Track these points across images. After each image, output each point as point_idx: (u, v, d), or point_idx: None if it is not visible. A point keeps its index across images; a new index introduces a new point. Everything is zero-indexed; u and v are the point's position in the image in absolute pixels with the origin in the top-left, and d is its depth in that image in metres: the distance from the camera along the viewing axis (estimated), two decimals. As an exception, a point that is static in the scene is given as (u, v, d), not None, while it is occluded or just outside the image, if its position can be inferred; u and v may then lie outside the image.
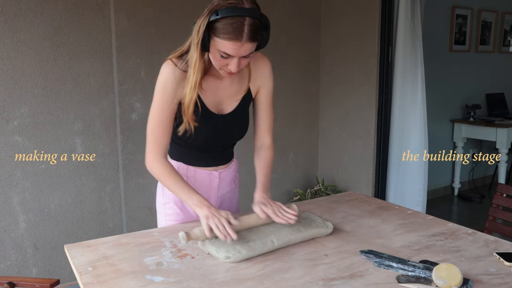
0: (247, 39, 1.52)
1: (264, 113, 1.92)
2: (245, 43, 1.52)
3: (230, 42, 1.52)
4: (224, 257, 1.50)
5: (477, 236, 1.72)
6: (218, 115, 1.79)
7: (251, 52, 1.58)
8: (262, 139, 1.95)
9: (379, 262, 1.47)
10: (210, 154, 1.90)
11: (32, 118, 3.03)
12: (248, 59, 1.62)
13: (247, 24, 1.50)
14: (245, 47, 1.54)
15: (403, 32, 3.79)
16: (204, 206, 1.64)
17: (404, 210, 2.03)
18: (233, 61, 1.58)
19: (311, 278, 1.39)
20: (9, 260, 3.08)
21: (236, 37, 1.51)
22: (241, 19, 1.50)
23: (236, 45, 1.52)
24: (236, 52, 1.54)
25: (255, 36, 1.53)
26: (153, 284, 1.36)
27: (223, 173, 1.96)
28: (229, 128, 1.83)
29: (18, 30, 2.92)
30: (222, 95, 1.80)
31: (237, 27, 1.49)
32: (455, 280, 1.29)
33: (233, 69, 1.60)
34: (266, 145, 1.95)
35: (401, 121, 3.93)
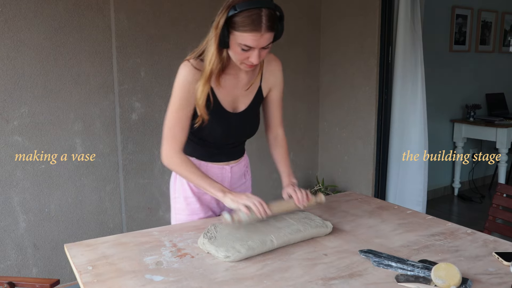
0: (266, 29, 1.58)
1: (276, 109, 2.03)
2: (264, 33, 1.59)
3: (250, 33, 1.58)
4: (223, 257, 1.50)
5: (476, 236, 1.72)
6: (232, 113, 1.85)
7: (270, 42, 1.65)
8: (275, 131, 2.07)
9: (378, 261, 1.47)
10: (222, 150, 1.95)
11: (32, 118, 3.03)
12: (267, 50, 1.68)
13: (264, 14, 1.57)
14: (264, 38, 1.60)
15: (403, 32, 3.80)
16: (227, 192, 1.73)
17: (404, 210, 2.03)
18: (254, 53, 1.64)
19: (311, 277, 1.40)
20: (9, 260, 3.08)
21: (255, 28, 1.57)
22: (258, 10, 1.56)
23: (256, 36, 1.59)
24: (256, 43, 1.60)
25: (273, 25, 1.61)
26: (153, 283, 1.36)
27: (235, 168, 2.01)
28: (242, 126, 1.90)
29: (18, 30, 2.92)
30: (237, 94, 1.86)
31: (255, 18, 1.56)
32: (454, 280, 1.29)
33: (254, 60, 1.65)
34: (280, 135, 2.08)
35: (401, 121, 3.93)
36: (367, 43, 3.88)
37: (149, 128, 3.46)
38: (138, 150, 3.44)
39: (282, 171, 2.02)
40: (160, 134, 3.51)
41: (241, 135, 1.96)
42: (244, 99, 1.88)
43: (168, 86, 3.46)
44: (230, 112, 1.85)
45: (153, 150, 3.50)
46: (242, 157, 2.07)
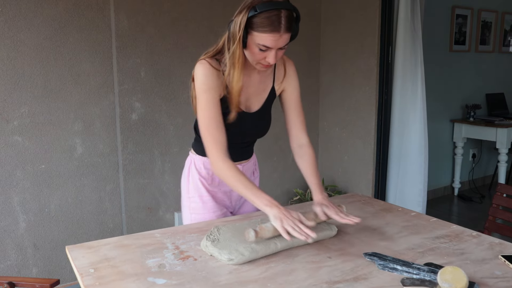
0: (285, 30, 1.61)
1: (295, 113, 1.98)
2: (283, 34, 1.62)
3: (270, 34, 1.61)
4: (227, 259, 1.49)
5: (482, 239, 1.71)
6: (246, 112, 1.87)
7: (287, 43, 1.67)
8: (298, 138, 1.99)
9: (383, 264, 1.46)
10: (234, 150, 1.90)
11: (32, 118, 3.01)
12: (283, 50, 1.71)
13: (283, 16, 1.60)
14: (283, 38, 1.63)
15: (403, 32, 3.79)
16: (274, 206, 1.61)
17: (408, 212, 2.02)
18: (271, 53, 1.67)
19: (315, 280, 1.39)
20: (9, 260, 3.07)
21: (275, 28, 1.60)
22: (277, 11, 1.59)
23: (275, 37, 1.61)
24: (275, 43, 1.63)
25: (291, 26, 1.64)
26: (155, 286, 1.35)
27: (245, 167, 2.04)
28: (255, 125, 1.92)
29: (18, 30, 2.91)
30: (250, 93, 1.87)
31: (275, 19, 1.59)
32: (460, 283, 1.28)
33: (271, 60, 1.68)
34: (305, 143, 1.98)
35: (401, 121, 3.92)
36: (367, 43, 3.87)
37: (149, 128, 3.45)
38: (138, 150, 3.43)
39: (312, 184, 1.89)
40: (160, 134, 3.53)
41: (253, 134, 1.98)
42: (258, 98, 1.90)
43: (168, 86, 3.46)
44: (245, 112, 1.86)
45: (153, 150, 3.49)
46: (252, 156, 2.09)
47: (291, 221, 1.54)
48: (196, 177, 1.98)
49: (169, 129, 3.54)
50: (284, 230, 1.53)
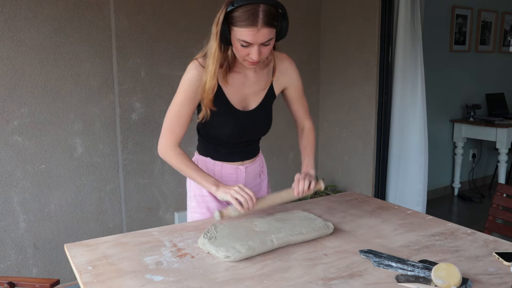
0: (262, 24, 1.59)
1: (298, 104, 2.06)
2: (261, 28, 1.60)
3: (247, 28, 1.60)
4: (223, 257, 1.50)
5: (476, 236, 1.72)
6: (241, 111, 1.87)
7: (270, 39, 1.65)
8: (301, 124, 2.10)
9: (378, 261, 1.47)
10: (236, 150, 1.97)
11: (32, 118, 3.03)
12: (268, 47, 1.68)
13: (261, 10, 1.58)
14: (261, 33, 1.61)
15: (403, 32, 3.80)
16: (220, 185, 1.76)
17: (404, 210, 2.03)
18: (254, 49, 1.65)
19: (311, 277, 1.39)
20: (9, 260, 3.08)
21: (252, 23, 1.58)
22: (255, 6, 1.58)
23: (253, 31, 1.60)
24: (254, 38, 1.61)
25: (271, 21, 1.61)
26: (153, 283, 1.36)
27: (249, 168, 2.03)
28: (252, 124, 1.91)
29: (18, 30, 2.92)
30: (247, 92, 1.87)
31: (252, 13, 1.58)
32: (454, 280, 1.29)
33: (254, 57, 1.67)
34: (307, 127, 2.08)
35: (401, 121, 3.93)
36: (367, 43, 3.88)
37: (149, 128, 3.46)
38: (138, 150, 3.44)
39: (302, 160, 2.01)
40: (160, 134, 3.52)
41: (252, 133, 1.96)
42: (255, 97, 1.90)
43: (168, 86, 3.47)
44: (240, 110, 1.87)
45: (153, 150, 3.50)
46: (257, 157, 2.08)
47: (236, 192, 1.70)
48: None
49: (169, 129, 3.54)
50: (235, 200, 1.69)
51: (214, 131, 1.89)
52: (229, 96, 1.84)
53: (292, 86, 1.99)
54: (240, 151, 1.98)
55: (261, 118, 1.94)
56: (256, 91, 1.89)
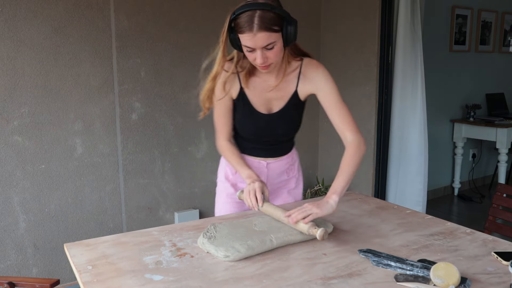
0: (258, 28, 1.66)
1: (334, 113, 1.92)
2: (257, 32, 1.67)
3: (246, 34, 1.68)
4: (223, 256, 1.50)
5: (475, 236, 1.72)
6: (262, 113, 1.97)
7: (271, 43, 1.70)
8: (344, 137, 1.92)
9: (377, 261, 1.47)
10: (260, 146, 2.08)
11: (32, 118, 3.03)
12: (274, 52, 1.74)
13: (257, 15, 1.66)
14: (258, 37, 1.68)
15: (403, 32, 3.80)
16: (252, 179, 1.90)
17: (403, 210, 2.03)
18: (257, 54, 1.73)
19: (310, 277, 1.40)
20: (9, 260, 3.08)
21: (249, 28, 1.67)
22: (251, 12, 1.66)
23: (250, 36, 1.68)
24: (253, 43, 1.69)
25: (267, 26, 1.67)
26: (152, 282, 1.36)
27: (272, 164, 2.11)
28: (271, 126, 1.99)
29: (18, 30, 2.92)
30: (270, 96, 1.95)
31: (248, 19, 1.66)
32: (452, 279, 1.29)
33: (259, 61, 1.75)
34: (349, 141, 1.89)
35: (401, 121, 3.93)
36: (367, 43, 3.88)
37: (149, 128, 3.47)
38: (138, 150, 3.44)
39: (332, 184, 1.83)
40: (160, 134, 3.54)
41: (272, 135, 2.02)
42: (278, 102, 1.96)
43: (169, 86, 3.48)
44: (260, 113, 1.96)
45: (153, 150, 3.50)
46: (284, 156, 2.13)
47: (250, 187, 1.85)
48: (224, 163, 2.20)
49: (169, 129, 3.55)
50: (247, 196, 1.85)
51: (238, 128, 2.03)
52: (250, 98, 1.95)
53: (322, 92, 1.92)
54: (263, 148, 2.08)
55: (281, 122, 1.99)
56: (278, 96, 1.95)
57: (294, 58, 1.93)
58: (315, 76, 1.93)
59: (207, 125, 3.70)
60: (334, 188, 1.77)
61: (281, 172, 2.15)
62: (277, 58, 1.79)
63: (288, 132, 2.05)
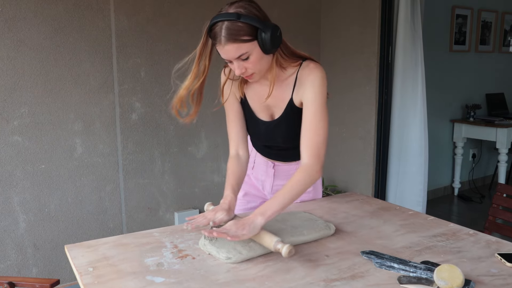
0: (225, 41, 1.56)
1: (304, 127, 1.79)
2: (225, 45, 1.57)
3: (217, 46, 1.61)
4: (225, 258, 1.50)
5: (479, 237, 1.72)
6: (261, 120, 1.92)
7: (244, 53, 1.60)
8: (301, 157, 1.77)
9: (380, 263, 1.46)
10: (267, 150, 2.04)
11: (32, 118, 3.02)
12: (251, 61, 1.63)
13: (223, 27, 1.56)
14: (227, 49, 1.58)
15: (403, 32, 3.79)
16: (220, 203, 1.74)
17: (405, 211, 2.02)
18: (234, 65, 1.65)
19: (312, 279, 1.39)
20: (9, 260, 3.07)
21: (217, 41, 1.58)
22: (220, 23, 1.57)
23: (219, 48, 1.60)
24: (225, 55, 1.62)
25: (234, 37, 1.56)
26: (154, 284, 1.35)
27: (279, 167, 2.07)
28: (270, 133, 1.93)
29: (18, 30, 2.91)
30: (270, 103, 1.87)
31: (217, 31, 1.57)
32: (456, 281, 1.29)
33: (236, 72, 1.66)
34: (302, 163, 1.74)
35: (401, 121, 3.93)
36: (367, 43, 3.87)
37: (149, 128, 3.46)
38: (138, 150, 3.43)
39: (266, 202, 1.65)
40: (160, 134, 3.53)
41: (273, 142, 1.97)
42: (277, 109, 1.88)
43: (168, 86, 3.47)
44: (260, 119, 1.92)
45: (153, 150, 3.50)
46: (293, 162, 2.04)
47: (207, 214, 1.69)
48: None
49: (169, 129, 3.55)
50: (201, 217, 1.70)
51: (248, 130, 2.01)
52: (251, 104, 1.91)
53: (304, 100, 1.80)
54: (270, 151, 2.04)
55: (279, 130, 1.90)
56: (277, 103, 1.86)
57: (293, 63, 1.78)
58: (306, 82, 1.79)
59: (207, 125, 3.70)
60: (264, 209, 1.57)
61: (289, 175, 1.98)
62: (258, 67, 1.66)
63: (287, 140, 1.92)
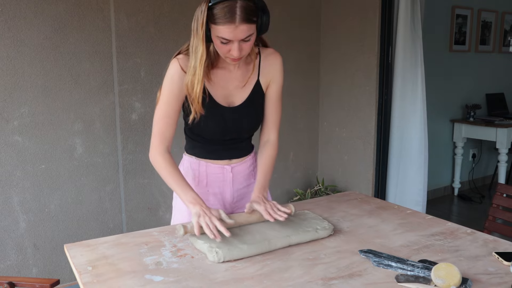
0: (240, 20, 1.55)
1: (271, 108, 1.92)
2: (239, 24, 1.56)
3: (225, 25, 1.56)
4: (212, 256, 1.51)
5: (476, 236, 1.72)
6: (225, 107, 1.81)
7: (250, 35, 1.61)
8: (267, 134, 1.96)
9: (378, 261, 1.47)
10: (222, 147, 1.90)
11: (32, 118, 3.03)
12: (249, 43, 1.64)
13: (239, 6, 1.55)
14: (240, 29, 1.57)
15: (403, 32, 3.80)
16: (197, 203, 1.65)
17: (404, 210, 2.03)
18: (234, 46, 1.61)
19: (310, 277, 1.39)
20: (9, 260, 3.08)
21: (230, 20, 1.55)
22: (232, 2, 1.55)
23: (231, 28, 1.56)
24: (233, 35, 1.58)
25: (249, 17, 1.57)
26: (153, 283, 1.36)
27: (237, 168, 1.95)
28: (237, 121, 1.84)
29: (18, 30, 2.92)
30: (231, 88, 1.82)
31: (229, 10, 1.54)
32: (453, 280, 1.29)
33: (235, 53, 1.63)
34: (271, 141, 1.95)
35: (401, 121, 3.93)
36: (367, 43, 3.88)
37: (149, 128, 3.46)
38: (138, 150, 3.44)
39: (257, 181, 1.85)
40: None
41: (237, 130, 1.88)
42: (241, 93, 1.83)
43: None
44: (224, 107, 1.81)
45: (153, 150, 3.50)
46: (248, 156, 1.99)
47: (208, 218, 1.58)
48: None
49: (169, 129, 3.54)
50: (197, 226, 1.57)
51: (198, 127, 1.83)
52: (212, 92, 1.79)
53: (274, 83, 1.89)
54: (225, 148, 1.91)
55: (247, 115, 1.86)
56: (240, 87, 1.83)
57: None
58: (274, 63, 1.87)
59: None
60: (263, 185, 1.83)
61: (247, 175, 1.99)
62: (250, 49, 1.68)
63: (253, 125, 1.91)
